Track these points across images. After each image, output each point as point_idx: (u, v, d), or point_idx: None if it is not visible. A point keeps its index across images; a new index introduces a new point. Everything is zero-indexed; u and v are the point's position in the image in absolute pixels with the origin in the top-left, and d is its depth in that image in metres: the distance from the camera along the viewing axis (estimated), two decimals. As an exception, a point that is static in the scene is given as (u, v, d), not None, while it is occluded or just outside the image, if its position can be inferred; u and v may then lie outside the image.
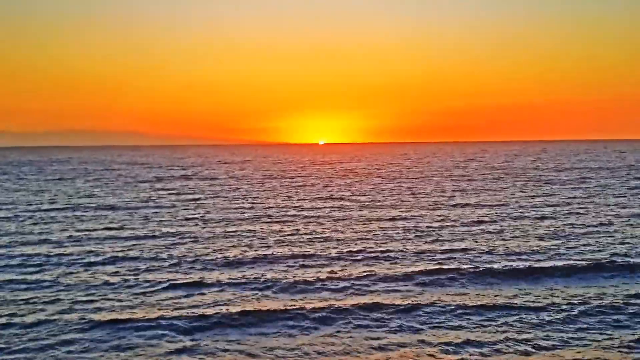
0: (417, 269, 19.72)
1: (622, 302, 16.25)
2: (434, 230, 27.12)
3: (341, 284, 18.15)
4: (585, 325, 14.67)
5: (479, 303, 16.27)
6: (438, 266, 20.13)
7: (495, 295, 17.08)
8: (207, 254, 22.38)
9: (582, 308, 15.79)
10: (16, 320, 15.19)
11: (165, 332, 14.34)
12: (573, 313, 15.42)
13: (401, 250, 22.73)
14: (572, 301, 16.39)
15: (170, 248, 23.70)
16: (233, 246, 23.94)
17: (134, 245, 24.37)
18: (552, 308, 15.87)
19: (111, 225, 29.46)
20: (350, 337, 14.10)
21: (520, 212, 32.95)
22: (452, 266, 20.09)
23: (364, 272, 19.53)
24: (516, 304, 16.24)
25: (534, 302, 16.43)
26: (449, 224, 29.10)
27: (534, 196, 41.26)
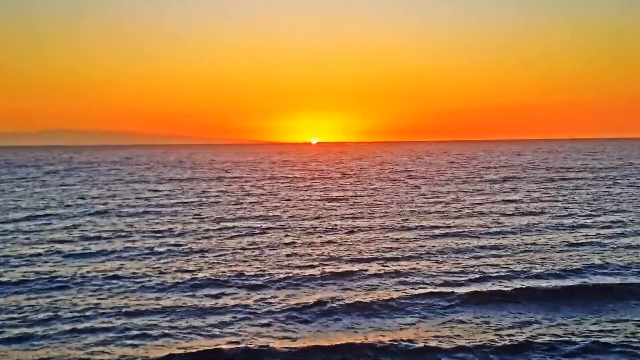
0: (456, 288, 17.56)
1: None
2: (469, 242, 24.66)
3: (378, 311, 15.87)
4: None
5: (550, 334, 14.17)
6: (488, 286, 18.00)
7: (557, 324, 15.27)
8: (218, 272, 19.87)
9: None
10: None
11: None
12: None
13: (436, 268, 20.46)
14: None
15: (170, 264, 21.39)
16: (248, 262, 21.34)
17: (133, 261, 22.01)
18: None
19: (111, 235, 27.14)
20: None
21: (556, 217, 31.03)
22: (498, 286, 18.00)
23: (400, 293, 17.30)
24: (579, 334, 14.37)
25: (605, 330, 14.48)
26: (481, 233, 26.89)
27: (563, 196, 39.62)
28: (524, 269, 19.87)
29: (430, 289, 17.61)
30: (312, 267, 20.61)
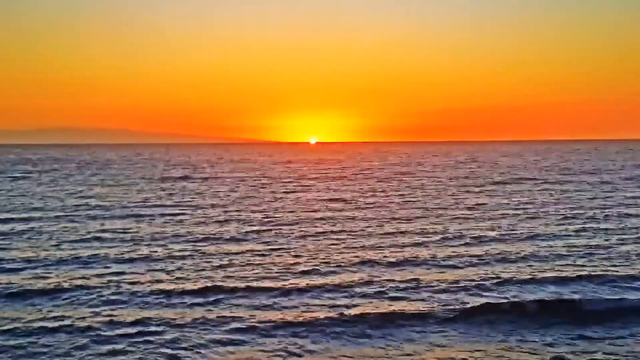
0: (468, 298, 16.88)
1: None
2: (477, 247, 23.90)
3: (386, 323, 15.05)
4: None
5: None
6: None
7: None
8: (221, 278, 19.04)
9: None
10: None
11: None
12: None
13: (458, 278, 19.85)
14: None
15: (172, 269, 20.63)
16: (251, 268, 20.44)
17: (134, 265, 21.20)
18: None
19: (110, 237, 26.40)
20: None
21: (563, 221, 30.16)
22: (511, 297, 17.23)
23: (409, 303, 16.59)
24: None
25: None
26: (492, 237, 26.01)
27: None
28: (536, 277, 19.22)
29: (436, 299, 16.91)
30: (317, 273, 19.95)
